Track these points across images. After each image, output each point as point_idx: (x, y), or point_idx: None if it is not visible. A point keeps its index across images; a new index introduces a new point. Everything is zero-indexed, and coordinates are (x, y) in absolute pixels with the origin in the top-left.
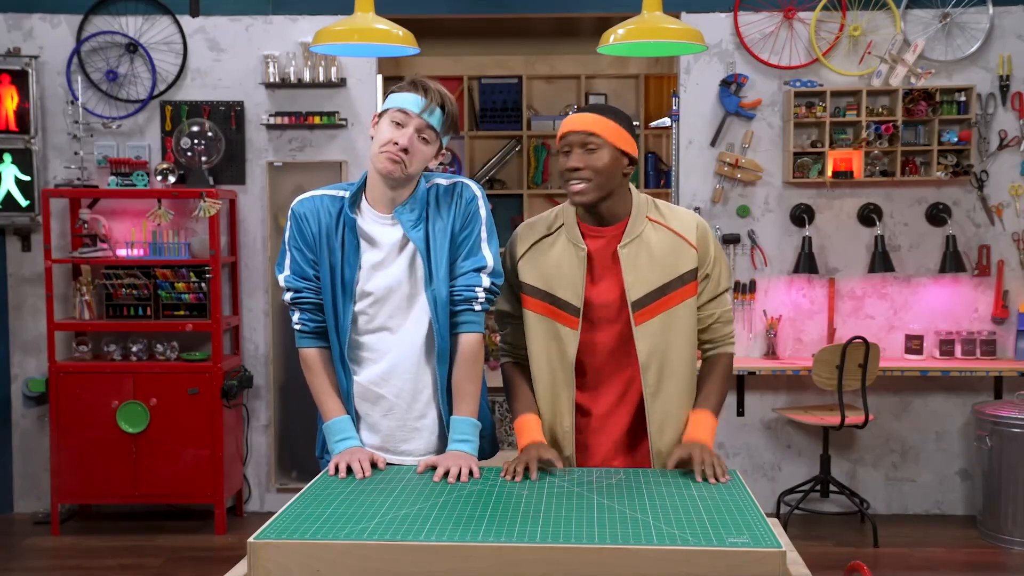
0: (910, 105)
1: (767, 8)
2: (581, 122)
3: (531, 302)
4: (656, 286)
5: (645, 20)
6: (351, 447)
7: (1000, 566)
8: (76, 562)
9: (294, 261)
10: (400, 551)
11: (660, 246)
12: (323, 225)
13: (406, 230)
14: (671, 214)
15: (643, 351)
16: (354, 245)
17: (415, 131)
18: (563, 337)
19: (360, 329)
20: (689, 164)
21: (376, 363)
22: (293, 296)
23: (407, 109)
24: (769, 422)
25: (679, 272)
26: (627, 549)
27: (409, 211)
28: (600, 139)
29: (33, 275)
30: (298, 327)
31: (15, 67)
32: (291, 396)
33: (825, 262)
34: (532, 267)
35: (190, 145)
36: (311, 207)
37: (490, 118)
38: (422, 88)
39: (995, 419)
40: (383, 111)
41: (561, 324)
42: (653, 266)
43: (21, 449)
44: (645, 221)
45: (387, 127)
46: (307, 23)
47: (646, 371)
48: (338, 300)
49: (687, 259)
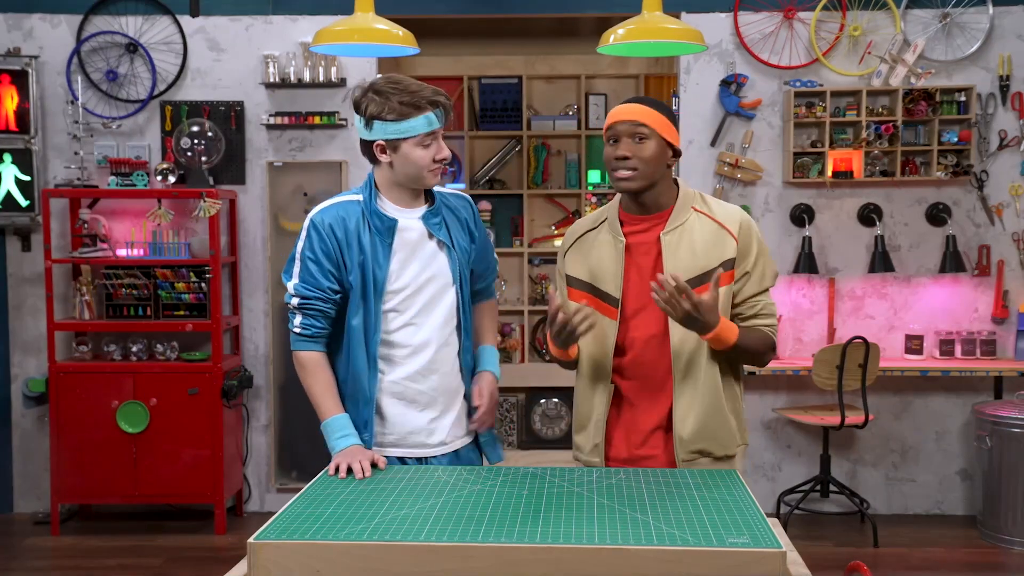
0: (910, 105)
1: (767, 8)
2: (631, 112)
3: (576, 294)
4: (696, 273)
5: (645, 20)
6: (352, 445)
7: (1000, 566)
8: (76, 562)
9: (307, 272)
10: (400, 551)
11: (702, 235)
12: (349, 230)
13: (433, 231)
14: (718, 206)
15: (676, 337)
16: (384, 245)
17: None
18: (604, 328)
19: (391, 327)
20: (689, 164)
21: (412, 358)
22: (301, 303)
23: (434, 129)
24: (769, 422)
25: (719, 260)
26: (627, 549)
27: (432, 215)
28: (649, 129)
29: (33, 275)
30: (298, 331)
31: (15, 67)
32: (291, 396)
33: (825, 262)
34: (577, 260)
35: (190, 145)
36: (335, 215)
37: (490, 118)
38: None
39: (995, 419)
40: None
41: (603, 316)
42: (694, 254)
43: (21, 449)
44: (691, 211)
45: (418, 151)
46: (307, 23)
47: (677, 358)
48: (370, 300)
49: (727, 248)
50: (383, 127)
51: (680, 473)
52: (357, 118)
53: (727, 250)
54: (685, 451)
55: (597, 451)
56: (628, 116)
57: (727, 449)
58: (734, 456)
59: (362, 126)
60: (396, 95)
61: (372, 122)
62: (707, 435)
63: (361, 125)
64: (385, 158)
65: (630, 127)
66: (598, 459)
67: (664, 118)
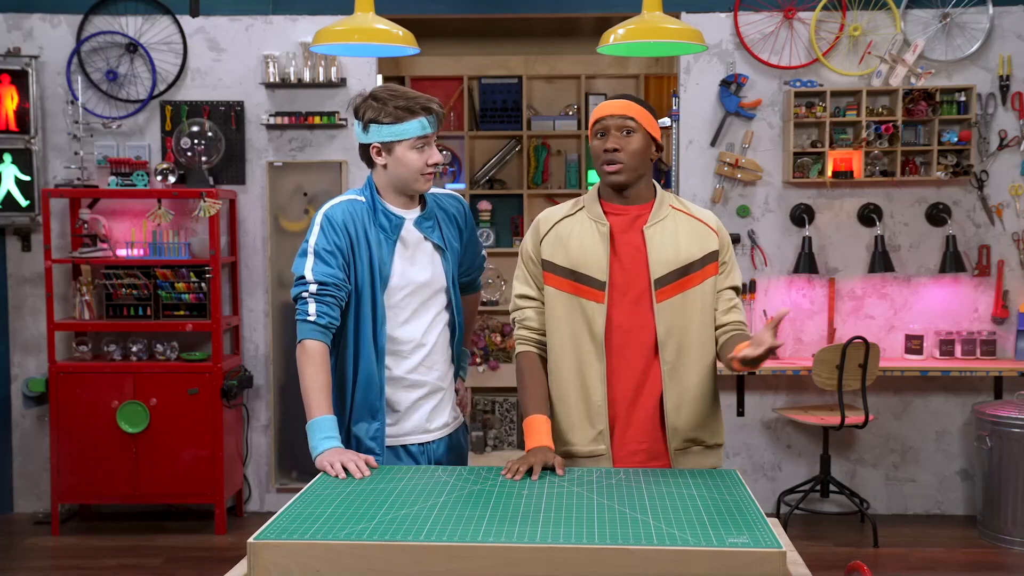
0: (910, 105)
1: (767, 8)
2: (618, 107)
3: (555, 279)
4: (678, 266)
5: (645, 20)
6: (336, 447)
7: (1000, 566)
8: (76, 562)
9: (321, 262)
10: (400, 551)
11: (684, 229)
12: (359, 227)
13: (426, 234)
14: (692, 206)
15: (662, 328)
16: (388, 243)
17: (434, 142)
18: (589, 312)
19: (393, 323)
20: (689, 164)
21: (415, 353)
22: (318, 288)
23: (427, 133)
24: (769, 422)
25: (702, 253)
26: (627, 549)
27: (425, 219)
28: (636, 123)
29: (33, 275)
30: (312, 318)
31: (15, 67)
32: (291, 396)
33: (825, 262)
34: (556, 246)
35: (190, 145)
36: (347, 210)
37: (490, 118)
38: (423, 108)
39: (995, 419)
40: (395, 141)
41: (587, 300)
42: (677, 247)
43: (21, 449)
44: (669, 209)
45: (411, 153)
46: (307, 23)
47: (664, 348)
48: (377, 295)
49: (710, 242)
50: (379, 130)
51: (680, 473)
52: (356, 123)
53: (710, 243)
54: (678, 440)
55: (602, 438)
56: (616, 111)
57: (717, 437)
58: (722, 445)
59: (360, 130)
60: (392, 100)
61: (369, 125)
62: (698, 423)
63: (359, 129)
64: (381, 160)
65: (619, 121)
66: (603, 447)
67: (648, 114)
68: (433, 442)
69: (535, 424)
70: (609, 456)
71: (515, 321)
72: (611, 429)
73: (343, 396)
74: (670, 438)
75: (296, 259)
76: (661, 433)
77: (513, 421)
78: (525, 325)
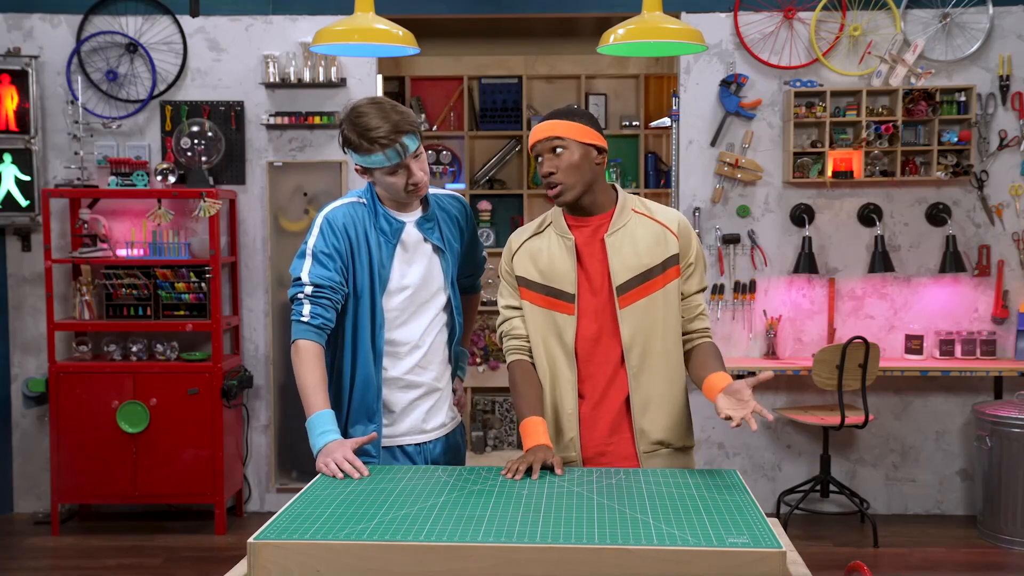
0: (910, 105)
1: (767, 8)
2: (544, 130)
3: (529, 294)
4: (639, 271)
5: (645, 20)
6: (335, 440)
7: (1000, 566)
8: (76, 562)
9: (319, 264)
10: (400, 551)
11: (644, 234)
12: (359, 230)
13: (427, 235)
14: (657, 208)
15: (626, 333)
16: (388, 246)
17: (414, 161)
18: (561, 324)
19: (391, 325)
20: (689, 164)
21: (411, 354)
22: (314, 291)
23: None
24: (769, 422)
25: (662, 258)
26: (627, 549)
27: (426, 220)
28: (564, 139)
29: (33, 275)
30: (306, 319)
31: (15, 67)
32: (291, 396)
33: (825, 262)
34: (526, 262)
35: (190, 145)
36: (348, 213)
37: (490, 118)
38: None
39: (995, 419)
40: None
41: (558, 312)
42: (638, 253)
43: (21, 449)
44: (631, 213)
45: (387, 178)
46: (307, 23)
47: (629, 352)
48: (377, 298)
49: (670, 246)
50: (352, 155)
51: (680, 473)
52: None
53: (670, 247)
54: (646, 443)
55: (573, 445)
56: (542, 135)
57: (685, 440)
58: (692, 448)
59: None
60: (357, 130)
61: (346, 148)
62: (666, 426)
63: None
64: (366, 178)
65: (546, 143)
66: (574, 453)
67: (579, 124)
68: (429, 442)
69: (532, 425)
70: (580, 460)
71: (504, 333)
72: (579, 433)
73: (340, 399)
74: (638, 440)
75: (294, 260)
76: (630, 435)
77: (513, 421)
78: (513, 335)
